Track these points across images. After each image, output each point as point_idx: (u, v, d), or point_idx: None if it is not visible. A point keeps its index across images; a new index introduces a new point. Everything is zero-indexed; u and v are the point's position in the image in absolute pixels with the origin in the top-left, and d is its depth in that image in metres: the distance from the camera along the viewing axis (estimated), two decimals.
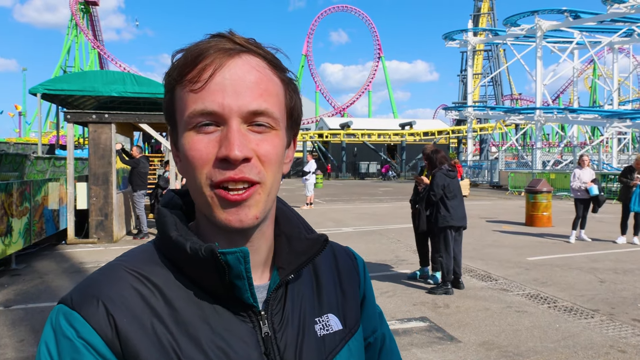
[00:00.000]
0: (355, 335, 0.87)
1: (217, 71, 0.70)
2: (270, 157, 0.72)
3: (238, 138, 0.69)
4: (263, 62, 0.74)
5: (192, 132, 0.71)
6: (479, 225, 13.19)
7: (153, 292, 0.71)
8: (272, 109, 0.72)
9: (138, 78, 15.21)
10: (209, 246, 0.70)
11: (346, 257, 0.95)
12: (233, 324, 0.74)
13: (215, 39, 0.73)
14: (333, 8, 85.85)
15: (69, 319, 0.67)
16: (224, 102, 0.69)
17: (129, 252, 0.79)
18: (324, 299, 0.86)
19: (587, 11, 33.82)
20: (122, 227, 11.88)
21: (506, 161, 36.27)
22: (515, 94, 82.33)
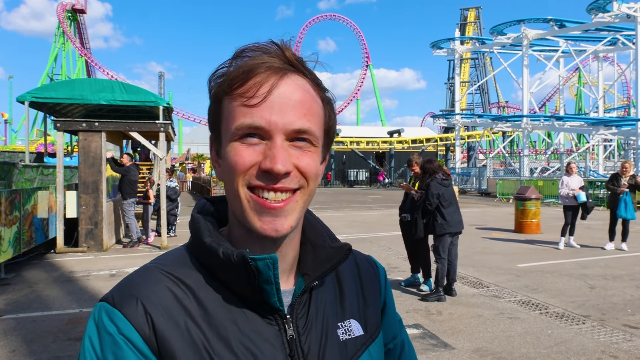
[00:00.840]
0: (375, 340, 0.90)
1: (266, 89, 0.74)
2: (310, 169, 0.77)
3: (282, 154, 0.73)
4: (308, 82, 0.78)
5: (237, 143, 0.75)
6: (469, 233, 13.27)
7: (186, 294, 0.76)
8: (314, 128, 0.77)
9: (127, 86, 15.15)
10: (241, 252, 0.74)
11: (368, 265, 0.99)
12: (260, 327, 0.78)
13: (267, 54, 0.76)
14: (321, 17, 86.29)
15: (110, 316, 0.72)
16: (270, 119, 0.73)
17: (163, 255, 0.84)
18: (347, 305, 0.89)
19: (572, 20, 34.39)
20: (112, 235, 11.79)
21: (494, 168, 36.61)
22: (502, 101, 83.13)
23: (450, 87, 67.04)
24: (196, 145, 77.68)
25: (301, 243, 0.87)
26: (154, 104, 14.96)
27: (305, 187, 0.77)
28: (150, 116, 15.96)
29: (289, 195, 0.76)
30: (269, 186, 0.74)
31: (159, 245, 11.49)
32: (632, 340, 5.13)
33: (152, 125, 11.63)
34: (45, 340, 5.22)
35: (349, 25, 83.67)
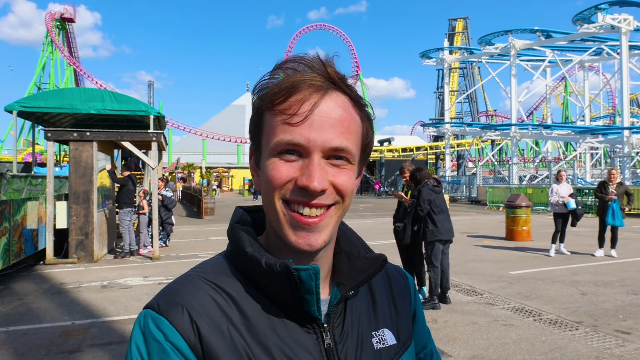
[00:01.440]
0: (408, 350, 0.91)
1: (307, 106, 0.75)
2: (346, 186, 0.78)
3: (318, 171, 0.75)
4: (348, 100, 0.79)
5: (275, 158, 0.77)
6: (460, 241, 13.33)
7: (228, 302, 0.77)
8: (351, 147, 0.78)
9: (117, 95, 15.06)
10: (284, 262, 0.76)
11: (398, 275, 1.01)
12: (299, 335, 0.79)
13: (309, 69, 0.78)
14: (311, 26, 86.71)
15: (157, 323, 0.74)
16: (309, 136, 0.75)
17: (202, 264, 0.86)
18: (379, 314, 0.91)
19: (558, 31, 34.89)
20: (103, 246, 11.69)
21: (483, 176, 36.83)
22: (491, 110, 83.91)
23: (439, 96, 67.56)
24: (186, 155, 77.44)
25: (335, 253, 0.89)
26: (144, 113, 14.89)
27: (341, 203, 0.79)
28: (141, 125, 15.89)
29: (324, 210, 0.77)
30: (305, 202, 0.75)
31: (150, 256, 11.41)
32: (624, 346, 5.17)
33: (145, 135, 11.59)
34: (37, 353, 5.15)
35: (339, 35, 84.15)
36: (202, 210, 23.98)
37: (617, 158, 29.36)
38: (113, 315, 6.51)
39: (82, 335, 5.70)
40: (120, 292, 7.92)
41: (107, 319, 6.35)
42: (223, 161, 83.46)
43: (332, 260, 0.88)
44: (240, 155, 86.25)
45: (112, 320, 6.29)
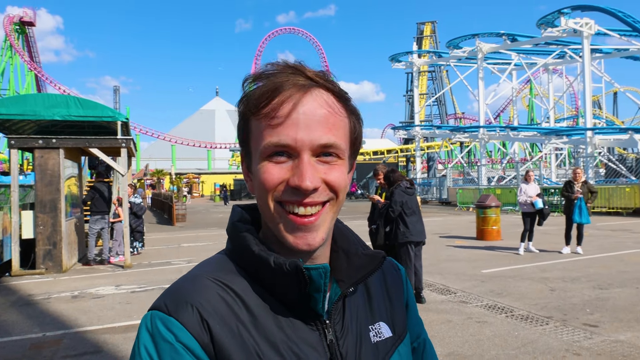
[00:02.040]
0: (404, 341, 0.94)
1: (291, 107, 0.76)
2: (339, 182, 0.79)
3: (309, 170, 0.76)
4: (332, 95, 0.80)
5: (265, 162, 0.78)
6: (433, 241, 13.51)
7: (235, 300, 0.78)
8: (339, 142, 0.79)
9: (82, 101, 14.71)
10: (294, 262, 0.77)
11: (391, 267, 1.03)
12: (304, 332, 0.81)
13: (289, 71, 0.79)
14: (280, 30, 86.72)
15: (166, 324, 0.73)
16: (296, 136, 0.76)
17: (204, 263, 0.86)
18: (375, 308, 0.93)
19: (523, 35, 35.75)
20: (72, 256, 11.43)
21: (453, 178, 37.38)
22: (459, 113, 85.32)
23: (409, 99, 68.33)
24: (155, 161, 76.28)
25: (333, 250, 0.90)
26: (111, 119, 14.58)
27: (335, 199, 0.80)
28: (108, 132, 15.62)
29: (319, 208, 0.78)
30: (298, 201, 0.76)
31: (121, 264, 11.21)
32: (592, 338, 5.34)
33: (114, 141, 11.41)
34: None
35: (309, 39, 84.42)
36: (173, 217, 23.67)
37: (580, 158, 30.21)
38: (86, 326, 6.37)
39: (54, 347, 5.56)
40: (92, 301, 7.76)
41: (79, 330, 6.22)
42: (193, 167, 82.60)
43: (330, 258, 0.89)
44: (211, 160, 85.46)
45: (85, 331, 6.16)
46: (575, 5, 30.47)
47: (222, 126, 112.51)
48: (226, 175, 71.81)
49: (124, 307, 7.35)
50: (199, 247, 14.17)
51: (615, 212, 21.74)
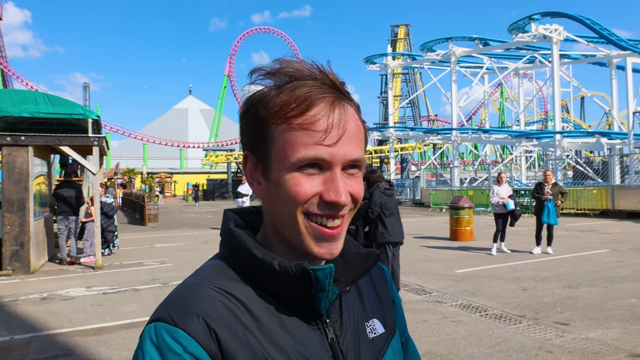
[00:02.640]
0: (395, 336, 0.96)
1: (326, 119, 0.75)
2: (360, 195, 0.81)
3: (342, 185, 0.76)
4: (354, 110, 0.81)
5: (297, 173, 0.76)
6: (408, 242, 13.56)
7: (238, 307, 0.77)
8: (363, 156, 0.80)
9: (52, 98, 14.35)
10: (299, 264, 0.77)
11: (376, 267, 1.04)
12: (308, 332, 0.81)
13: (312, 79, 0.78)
14: (255, 30, 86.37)
15: (173, 336, 0.71)
16: (332, 151, 0.75)
17: (202, 269, 0.84)
18: (367, 306, 0.94)
19: (495, 39, 36.41)
20: (41, 256, 11.15)
21: (427, 179, 37.81)
22: (432, 115, 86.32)
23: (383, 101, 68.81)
24: (126, 160, 75.11)
25: None
26: (82, 116, 14.26)
27: (353, 209, 0.81)
28: (78, 129, 15.30)
29: (341, 219, 0.79)
30: (330, 214, 0.77)
31: (92, 265, 10.98)
32: (563, 336, 5.46)
33: (85, 139, 11.17)
34: None
35: (283, 39, 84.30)
36: (145, 217, 23.32)
37: (549, 161, 30.91)
38: (56, 328, 6.22)
39: (23, 350, 5.41)
40: (61, 303, 7.57)
41: (49, 332, 6.06)
42: (165, 166, 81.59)
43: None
44: (183, 160, 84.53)
45: (55, 334, 6.01)
46: (545, 12, 31.17)
47: (195, 125, 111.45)
48: (199, 175, 71.13)
49: (95, 309, 7.19)
50: (172, 248, 13.99)
51: (583, 213, 22.29)
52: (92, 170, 11.31)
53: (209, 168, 74.34)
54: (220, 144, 78.49)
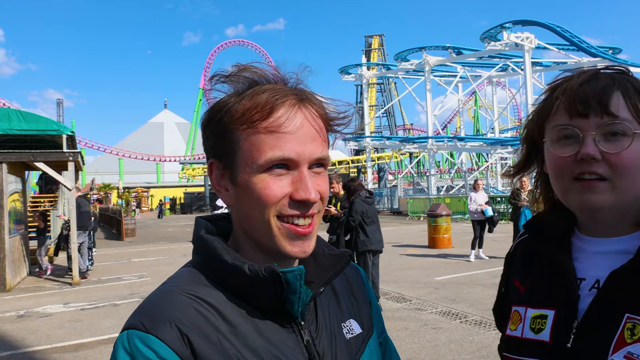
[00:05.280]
0: (372, 336, 0.98)
1: (290, 120, 0.79)
2: (327, 191, 0.84)
3: (311, 183, 0.80)
4: (317, 109, 0.84)
5: (265, 174, 0.79)
6: (386, 250, 13.58)
7: (211, 312, 0.79)
8: (327, 154, 0.84)
9: (25, 114, 14.09)
10: (269, 267, 0.79)
11: (351, 268, 1.07)
12: (282, 335, 0.83)
13: (273, 84, 0.82)
14: (230, 42, 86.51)
15: (146, 342, 0.72)
16: (298, 150, 0.79)
17: (175, 277, 0.86)
18: (343, 307, 0.96)
19: (468, 48, 37.08)
20: (17, 274, 10.91)
21: (404, 188, 38.10)
22: (408, 124, 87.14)
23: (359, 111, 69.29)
24: (101, 175, 73.89)
25: None
26: (56, 132, 14.05)
27: (322, 208, 0.84)
28: (53, 146, 15.07)
29: (312, 218, 0.82)
30: (302, 214, 0.80)
31: (69, 281, 10.79)
32: None
33: (60, 155, 11.03)
34: None
35: (258, 51, 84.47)
36: (122, 232, 22.98)
37: None
38: (34, 346, 6.11)
39: None
40: (39, 320, 7.43)
41: (27, 350, 5.95)
42: (142, 180, 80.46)
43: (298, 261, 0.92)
44: (160, 174, 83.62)
45: (34, 351, 5.90)
46: (516, 20, 31.90)
47: (171, 139, 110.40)
48: (176, 189, 70.39)
49: (73, 325, 7.08)
50: (150, 262, 13.82)
51: None
52: (67, 186, 11.16)
53: (186, 181, 73.69)
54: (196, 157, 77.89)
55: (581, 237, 1.00)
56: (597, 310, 0.89)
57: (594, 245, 0.97)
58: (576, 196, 0.92)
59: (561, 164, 0.93)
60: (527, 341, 0.96)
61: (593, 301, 0.90)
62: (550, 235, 1.03)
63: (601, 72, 0.96)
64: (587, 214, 0.96)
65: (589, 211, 0.94)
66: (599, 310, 0.89)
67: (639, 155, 0.88)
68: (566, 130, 0.92)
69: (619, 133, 0.88)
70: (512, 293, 1.08)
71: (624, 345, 0.84)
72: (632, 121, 0.89)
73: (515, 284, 1.08)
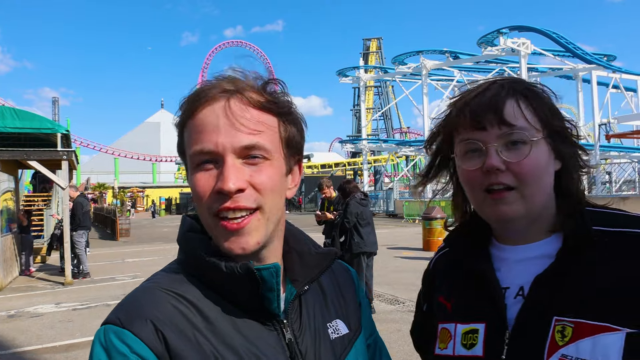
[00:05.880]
0: (359, 337, 0.97)
1: (211, 112, 0.79)
2: (266, 185, 0.80)
3: (232, 172, 0.77)
4: (258, 97, 0.81)
5: (196, 171, 0.80)
6: (381, 252, 13.60)
7: (189, 309, 0.78)
8: (264, 142, 0.80)
9: (19, 112, 14.03)
10: (245, 264, 0.78)
11: (341, 268, 1.06)
12: (262, 333, 0.82)
13: (217, 80, 0.82)
14: (228, 43, 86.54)
15: (120, 337, 0.73)
16: (217, 140, 0.77)
17: (157, 274, 0.86)
18: (330, 306, 0.95)
19: (465, 52, 37.18)
20: (8, 273, 10.85)
21: (400, 191, 38.15)
22: (404, 127, 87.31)
23: (356, 114, 69.48)
24: (96, 174, 73.71)
25: (285, 252, 0.92)
26: (51, 130, 14.00)
27: (264, 205, 0.80)
28: (47, 144, 15.01)
29: (248, 214, 0.79)
30: (225, 206, 0.77)
31: (62, 281, 10.73)
32: None
33: (54, 153, 10.98)
34: None
35: (256, 52, 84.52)
36: (116, 232, 22.91)
37: None
38: (24, 346, 6.07)
39: None
40: (30, 321, 7.39)
41: (17, 350, 5.91)
42: (137, 180, 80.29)
43: (284, 259, 0.91)
44: (156, 174, 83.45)
45: (24, 351, 5.87)
46: (513, 26, 32.00)
47: (168, 139, 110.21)
48: (172, 189, 70.31)
49: (65, 325, 7.03)
50: (144, 262, 13.78)
51: None
52: (60, 185, 11.11)
53: (182, 182, 73.56)
54: None
55: (499, 246, 1.01)
56: (526, 317, 0.89)
57: (513, 254, 0.97)
58: (489, 208, 0.93)
59: (471, 177, 0.94)
60: (460, 358, 0.95)
61: (521, 309, 0.90)
62: (470, 246, 1.03)
63: (493, 84, 0.96)
64: (501, 224, 0.97)
65: (503, 222, 0.94)
66: (528, 317, 0.89)
67: (539, 161, 0.90)
68: (470, 144, 0.93)
69: (519, 142, 0.89)
70: (437, 310, 1.06)
71: (557, 349, 0.84)
72: (529, 128, 0.90)
73: (440, 301, 1.06)
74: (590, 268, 0.87)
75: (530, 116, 0.90)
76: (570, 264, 0.88)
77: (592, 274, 0.87)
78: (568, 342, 0.83)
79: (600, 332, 0.81)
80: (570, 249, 0.89)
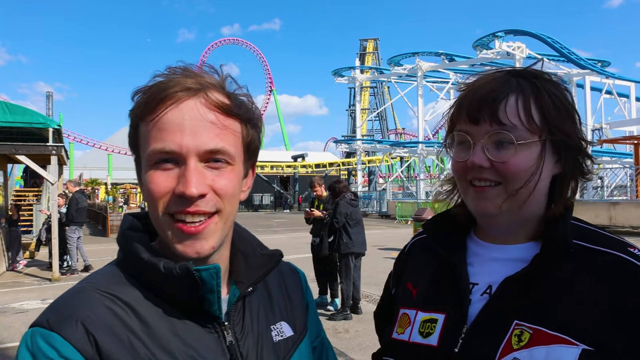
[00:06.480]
0: (304, 339, 0.95)
1: (177, 111, 0.75)
2: (227, 190, 0.78)
3: (195, 176, 0.74)
4: (223, 98, 0.79)
5: (152, 170, 0.76)
6: (370, 253, 13.63)
7: (125, 311, 0.75)
8: (228, 147, 0.78)
9: (10, 106, 13.93)
10: (184, 265, 0.75)
11: (289, 270, 1.05)
12: (201, 335, 0.79)
13: (178, 75, 0.78)
14: (224, 40, 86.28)
15: (48, 340, 0.69)
16: (182, 142, 0.74)
17: (95, 274, 0.83)
18: (276, 309, 0.94)
19: (460, 55, 37.31)
20: None
21: (393, 192, 38.20)
22: (399, 128, 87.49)
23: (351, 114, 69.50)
24: (89, 170, 73.40)
25: (231, 253, 0.90)
26: (42, 125, 13.89)
27: (223, 209, 0.78)
28: (39, 139, 14.91)
29: (206, 218, 0.77)
30: (185, 210, 0.75)
31: (49, 277, 10.65)
32: None
33: (43, 148, 10.91)
34: None
35: (253, 51, 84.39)
36: (107, 228, 22.79)
37: None
38: (7, 342, 6.01)
39: None
40: (14, 317, 7.33)
41: (0, 346, 5.85)
42: (131, 177, 79.94)
43: (229, 260, 0.89)
44: None
45: (6, 347, 5.81)
46: (508, 30, 32.12)
47: None
48: None
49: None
50: None
51: None
52: (50, 180, 11.03)
53: None
54: None
55: (478, 241, 1.00)
56: (487, 315, 0.88)
57: (489, 251, 0.96)
58: (472, 201, 0.92)
59: (458, 168, 0.93)
60: (414, 345, 0.94)
61: (484, 307, 0.89)
62: (446, 236, 1.02)
63: (502, 75, 0.94)
64: (483, 219, 0.96)
65: (484, 217, 0.94)
66: (489, 316, 0.88)
67: (525, 163, 0.87)
68: (461, 135, 0.92)
69: (505, 141, 0.87)
70: (402, 295, 1.06)
71: (511, 351, 0.83)
72: (520, 129, 0.87)
73: (407, 286, 1.05)
74: (562, 280, 0.86)
75: (528, 116, 0.87)
76: (543, 271, 0.87)
77: (563, 285, 0.85)
78: (523, 347, 0.82)
79: (556, 342, 0.80)
80: (546, 256, 0.87)
